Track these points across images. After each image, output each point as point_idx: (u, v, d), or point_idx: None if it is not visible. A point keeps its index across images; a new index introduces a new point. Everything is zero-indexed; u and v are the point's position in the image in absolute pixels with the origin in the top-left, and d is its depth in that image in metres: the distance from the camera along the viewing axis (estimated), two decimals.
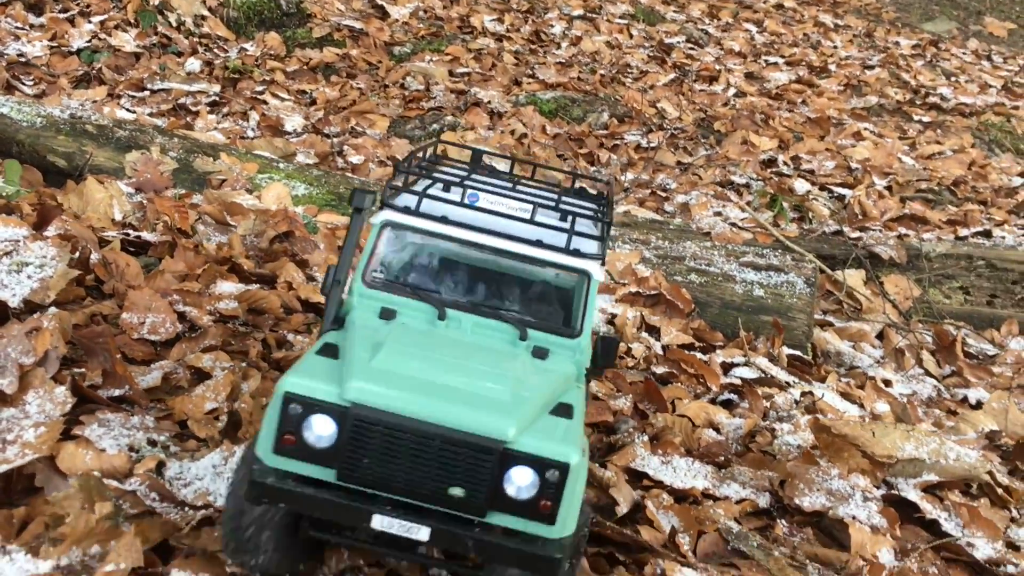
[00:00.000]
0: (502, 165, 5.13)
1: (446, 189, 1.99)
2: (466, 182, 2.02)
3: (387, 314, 1.81)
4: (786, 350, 3.47)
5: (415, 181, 2.02)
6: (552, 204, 2.01)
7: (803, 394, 3.04)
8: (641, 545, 2.00)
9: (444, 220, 1.85)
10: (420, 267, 1.90)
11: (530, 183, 2.27)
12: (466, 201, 1.89)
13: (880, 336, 3.99)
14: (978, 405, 3.46)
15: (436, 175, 2.01)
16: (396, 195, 1.90)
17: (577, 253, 1.85)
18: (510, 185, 2.19)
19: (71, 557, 1.57)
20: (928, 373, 3.75)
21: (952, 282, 4.44)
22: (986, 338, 4.15)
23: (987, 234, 4.96)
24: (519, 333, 1.82)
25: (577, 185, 2.35)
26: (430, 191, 1.93)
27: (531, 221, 1.86)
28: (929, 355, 3.86)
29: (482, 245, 1.85)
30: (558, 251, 1.85)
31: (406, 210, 1.87)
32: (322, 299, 2.84)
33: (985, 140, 6.92)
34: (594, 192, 2.33)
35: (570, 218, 1.90)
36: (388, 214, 1.86)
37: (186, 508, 1.76)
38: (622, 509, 2.10)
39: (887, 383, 3.49)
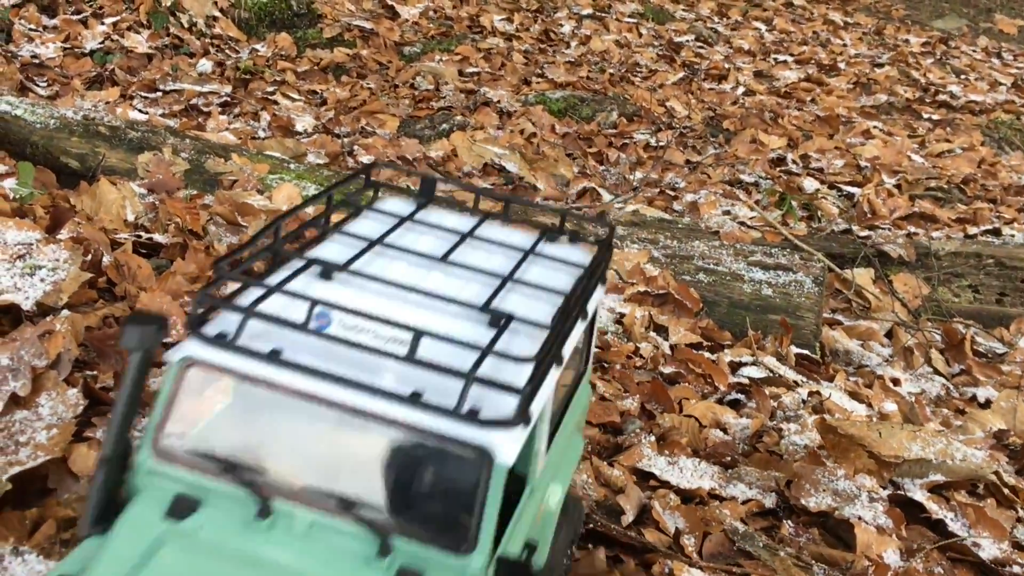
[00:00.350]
0: (510, 166, 5.14)
1: (327, 275, 1.33)
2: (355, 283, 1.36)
3: (182, 507, 1.17)
4: (794, 349, 3.48)
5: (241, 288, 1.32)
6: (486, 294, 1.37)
7: (811, 394, 3.05)
8: (646, 546, 2.02)
9: (275, 358, 1.19)
10: (240, 428, 1.25)
11: (486, 235, 1.60)
12: (313, 325, 1.22)
13: (889, 335, 3.99)
14: (987, 404, 3.46)
15: (282, 273, 1.37)
16: (206, 318, 1.26)
17: (472, 418, 1.14)
18: (457, 236, 1.56)
19: None
20: (937, 372, 3.75)
21: (961, 280, 4.43)
22: (995, 336, 4.15)
23: (996, 232, 4.95)
24: (378, 544, 1.15)
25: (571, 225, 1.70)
26: (270, 300, 1.29)
27: (410, 358, 1.17)
28: (938, 353, 3.86)
29: (326, 399, 1.17)
30: (443, 413, 1.14)
31: (220, 340, 1.20)
32: None
33: (995, 138, 6.91)
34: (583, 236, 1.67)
35: (479, 355, 1.21)
36: (192, 347, 1.20)
37: None
38: (628, 517, 2.12)
39: (896, 382, 3.50)
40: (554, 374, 1.30)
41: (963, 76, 8.52)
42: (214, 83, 5.84)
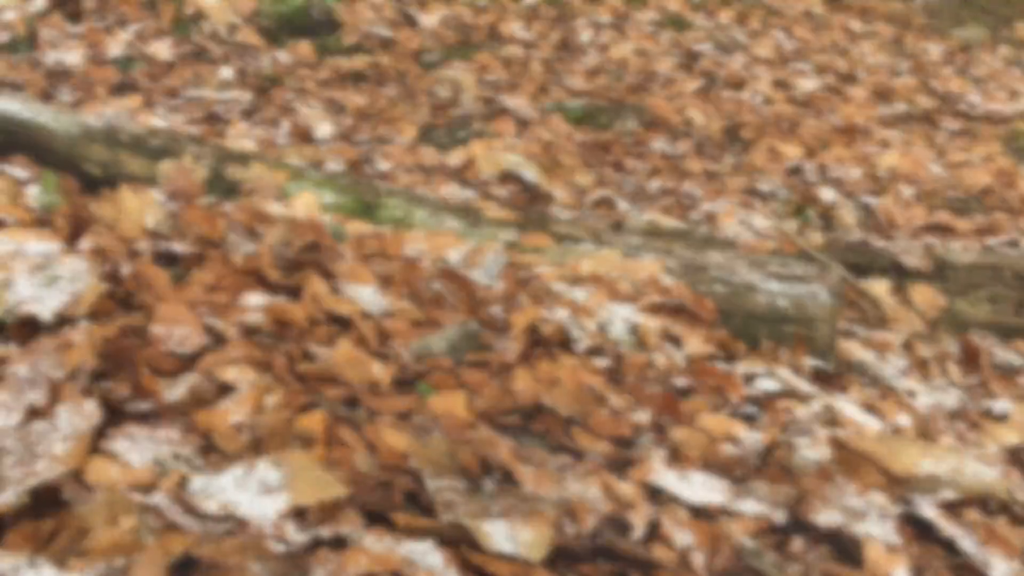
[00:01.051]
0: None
1: None
2: None
3: None
4: (809, 361, 3.47)
5: None
6: None
7: (824, 407, 3.05)
8: (653, 563, 2.03)
9: None
10: None
11: None
12: None
13: (905, 346, 3.98)
14: (1003, 417, 3.45)
15: None
16: None
17: None
18: None
19: (96, 570, 1.62)
20: (953, 384, 3.74)
21: (979, 292, 4.42)
22: (1013, 348, 4.13)
23: (1014, 243, 4.93)
24: None
25: None
26: None
27: None
28: (955, 366, 3.85)
29: None
30: None
31: None
32: (345, 310, 2.88)
33: (1014, 148, 6.87)
34: None
35: None
36: None
37: (208, 521, 1.81)
38: (637, 533, 2.12)
39: (911, 394, 3.49)
40: None
41: (983, 85, 8.47)
42: (235, 90, 5.89)
